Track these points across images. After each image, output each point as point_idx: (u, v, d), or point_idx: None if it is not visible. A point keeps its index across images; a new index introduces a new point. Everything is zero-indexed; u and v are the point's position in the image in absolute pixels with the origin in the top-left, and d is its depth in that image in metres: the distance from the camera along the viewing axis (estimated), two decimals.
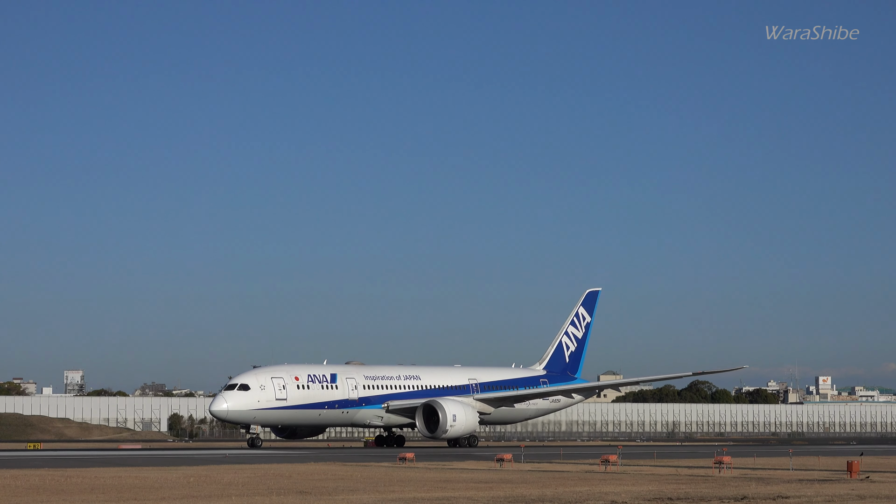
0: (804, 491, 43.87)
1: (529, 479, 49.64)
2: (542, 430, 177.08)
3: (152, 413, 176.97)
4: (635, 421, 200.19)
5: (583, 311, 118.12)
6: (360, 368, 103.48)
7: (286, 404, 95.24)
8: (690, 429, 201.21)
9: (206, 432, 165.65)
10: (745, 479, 51.30)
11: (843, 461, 59.15)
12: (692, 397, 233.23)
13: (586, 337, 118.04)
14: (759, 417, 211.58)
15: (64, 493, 40.01)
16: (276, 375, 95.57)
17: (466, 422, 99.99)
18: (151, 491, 41.57)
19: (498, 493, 41.39)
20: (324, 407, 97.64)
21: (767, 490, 44.15)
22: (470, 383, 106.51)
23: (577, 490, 43.51)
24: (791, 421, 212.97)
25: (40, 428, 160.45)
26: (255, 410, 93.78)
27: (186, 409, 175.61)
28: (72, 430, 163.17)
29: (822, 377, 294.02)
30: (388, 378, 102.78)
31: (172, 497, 39.06)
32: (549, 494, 41.11)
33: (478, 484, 46.48)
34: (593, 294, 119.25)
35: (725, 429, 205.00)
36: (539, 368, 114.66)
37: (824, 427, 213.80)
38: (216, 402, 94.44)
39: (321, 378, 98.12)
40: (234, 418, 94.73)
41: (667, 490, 43.69)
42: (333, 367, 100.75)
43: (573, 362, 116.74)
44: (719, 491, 43.44)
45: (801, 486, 46.86)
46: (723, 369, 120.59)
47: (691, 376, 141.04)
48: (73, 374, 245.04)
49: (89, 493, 40.14)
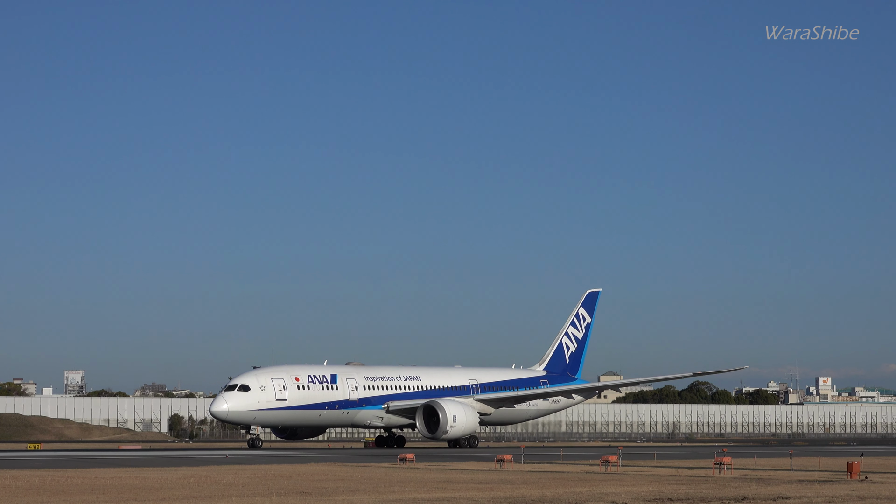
0: (804, 492, 43.85)
1: (530, 480, 49.63)
2: (542, 430, 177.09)
3: (152, 414, 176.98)
4: (635, 422, 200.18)
5: (583, 312, 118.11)
6: (360, 369, 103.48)
7: (286, 405, 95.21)
8: (691, 429, 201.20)
9: (207, 433, 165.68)
10: (746, 479, 51.29)
11: (844, 462, 59.14)
12: (692, 398, 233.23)
13: (586, 337, 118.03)
14: (760, 418, 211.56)
15: (64, 494, 40.00)
16: (277, 376, 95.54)
17: (467, 422, 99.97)
18: (152, 491, 41.55)
19: (498, 494, 41.37)
20: (324, 407, 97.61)
21: (768, 491, 44.13)
22: (470, 384, 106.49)
23: (577, 491, 43.50)
24: (791, 422, 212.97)
25: (40, 428, 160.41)
26: (256, 411, 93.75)
27: (187, 410, 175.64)
28: (72, 430, 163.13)
29: (823, 378, 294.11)
30: (389, 379, 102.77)
31: (173, 498, 39.04)
32: (549, 495, 41.10)
33: (478, 485, 46.47)
34: (593, 294, 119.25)
35: (726, 429, 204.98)
36: (539, 369, 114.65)
37: (824, 428, 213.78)
38: (216, 402, 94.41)
39: (321, 379, 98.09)
40: (235, 419, 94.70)
41: (667, 491, 43.68)
42: (334, 367, 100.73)
43: (573, 363, 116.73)
44: (720, 492, 43.42)
45: (801, 486, 46.84)
46: (723, 370, 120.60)
47: (691, 377, 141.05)
48: (74, 375, 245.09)
49: (90, 494, 40.12)
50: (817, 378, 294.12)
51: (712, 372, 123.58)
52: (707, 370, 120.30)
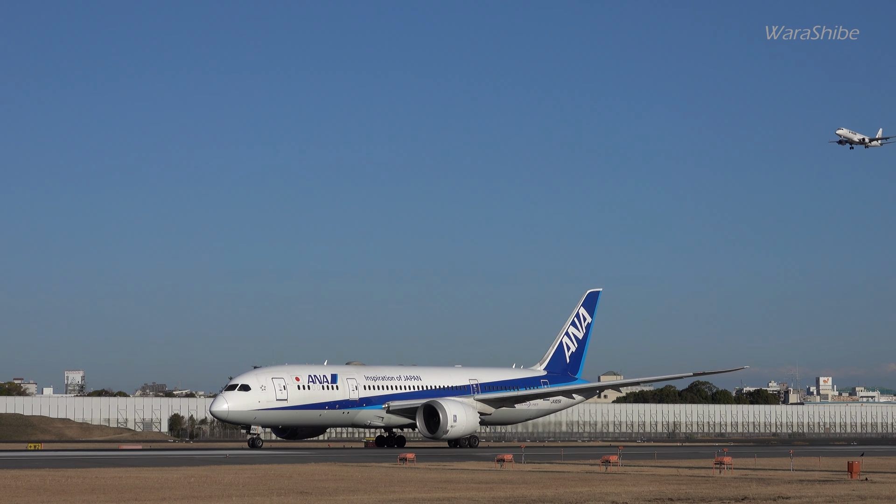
0: (805, 491, 43.85)
1: (530, 480, 49.62)
2: (542, 430, 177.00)
3: (153, 413, 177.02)
4: (636, 421, 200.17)
5: (583, 312, 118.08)
6: (360, 369, 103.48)
7: (287, 405, 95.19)
8: (691, 429, 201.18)
9: (207, 433, 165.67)
10: (746, 479, 51.28)
11: (844, 462, 59.11)
12: (693, 398, 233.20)
13: (587, 337, 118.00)
14: (760, 418, 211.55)
15: (65, 494, 39.99)
16: (277, 376, 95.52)
17: (467, 422, 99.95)
18: (152, 491, 41.56)
19: (499, 494, 41.36)
20: (324, 407, 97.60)
21: (768, 490, 44.13)
22: (470, 384, 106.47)
23: (577, 490, 43.49)
24: (792, 421, 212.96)
25: (41, 428, 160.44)
26: (256, 411, 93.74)
27: (187, 410, 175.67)
28: (72, 430, 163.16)
29: (823, 378, 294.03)
30: (389, 378, 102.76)
31: (173, 497, 39.04)
32: (549, 495, 41.10)
33: (478, 484, 46.47)
34: (594, 294, 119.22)
35: (726, 429, 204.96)
36: (540, 369, 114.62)
37: (825, 428, 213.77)
38: (217, 402, 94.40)
39: (322, 378, 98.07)
40: (235, 419, 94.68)
41: (667, 490, 43.67)
42: (334, 367, 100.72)
43: (574, 363, 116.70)
44: (720, 491, 43.42)
45: (801, 486, 46.83)
46: (723, 370, 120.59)
47: (692, 377, 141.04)
48: (74, 375, 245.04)
49: (90, 494, 40.12)
50: (817, 378, 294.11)
51: (712, 372, 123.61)
52: (707, 370, 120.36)
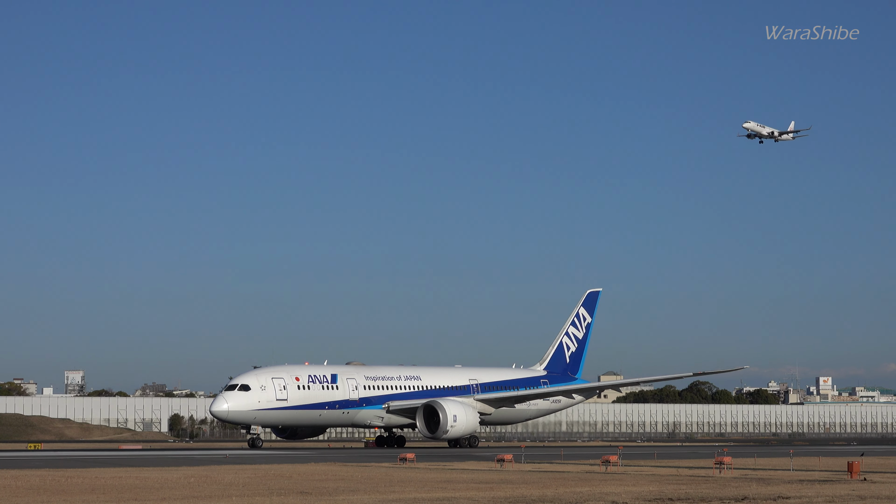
0: (805, 491, 43.85)
1: (530, 480, 49.62)
2: (542, 430, 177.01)
3: (153, 413, 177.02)
4: (636, 421, 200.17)
5: (583, 312, 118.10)
6: (360, 369, 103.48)
7: (287, 405, 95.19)
8: (691, 429, 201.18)
9: (207, 433, 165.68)
10: (746, 479, 51.29)
11: (844, 462, 59.12)
12: (693, 398, 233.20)
13: (587, 337, 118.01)
14: (760, 418, 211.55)
15: (64, 494, 39.99)
16: (277, 376, 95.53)
17: (467, 422, 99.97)
18: (152, 491, 41.55)
19: (499, 494, 41.36)
20: (324, 407, 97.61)
21: (768, 490, 44.13)
22: (470, 384, 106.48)
23: (577, 490, 43.49)
24: (792, 421, 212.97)
25: (41, 428, 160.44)
26: (256, 411, 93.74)
27: (187, 410, 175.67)
28: (72, 430, 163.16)
29: (823, 378, 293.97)
30: (389, 378, 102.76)
31: (173, 497, 39.04)
32: (549, 495, 41.10)
33: (478, 484, 46.47)
34: (594, 294, 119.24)
35: (726, 429, 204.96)
36: (539, 369, 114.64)
37: (825, 428, 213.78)
38: (217, 402, 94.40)
39: (322, 378, 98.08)
40: (235, 419, 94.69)
41: (667, 490, 43.68)
42: (334, 367, 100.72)
43: (574, 363, 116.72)
44: (720, 491, 43.42)
45: (801, 486, 46.84)
46: (723, 370, 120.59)
47: (692, 377, 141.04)
48: (74, 375, 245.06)
49: (90, 494, 40.12)
50: (817, 378, 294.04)
51: (712, 372, 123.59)
52: (707, 370, 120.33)
